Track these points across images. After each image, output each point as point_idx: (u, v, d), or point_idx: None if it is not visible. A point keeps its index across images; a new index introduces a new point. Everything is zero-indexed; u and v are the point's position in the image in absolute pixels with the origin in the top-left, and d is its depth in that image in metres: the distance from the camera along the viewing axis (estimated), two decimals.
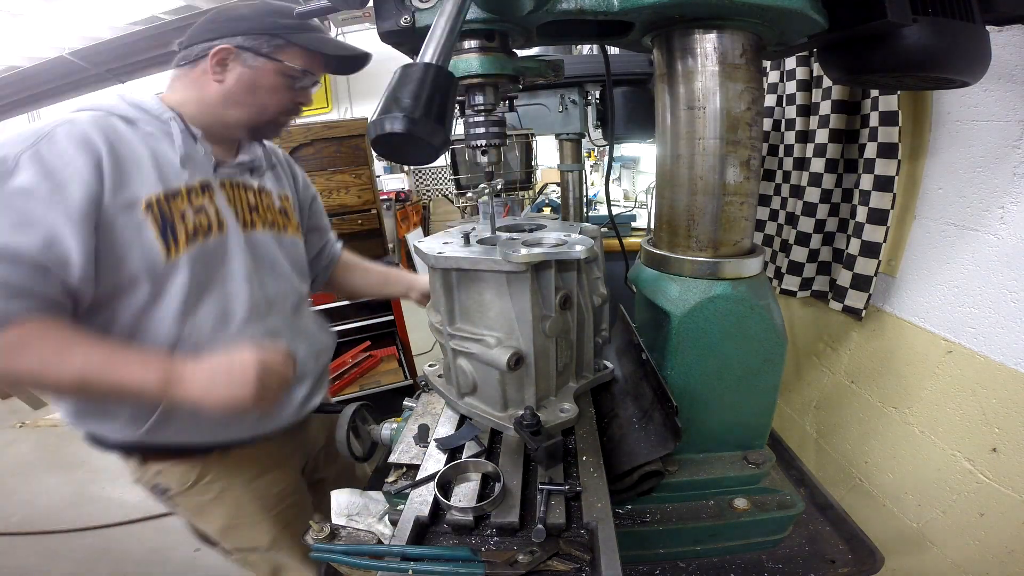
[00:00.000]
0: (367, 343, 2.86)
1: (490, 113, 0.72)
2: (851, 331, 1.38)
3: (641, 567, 0.77)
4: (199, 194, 0.92)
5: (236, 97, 0.95)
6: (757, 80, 0.71)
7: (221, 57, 0.92)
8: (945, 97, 1.06)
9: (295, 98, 1.01)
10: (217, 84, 0.93)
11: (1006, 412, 0.97)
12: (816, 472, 1.00)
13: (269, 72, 0.94)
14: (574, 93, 1.72)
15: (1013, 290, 0.94)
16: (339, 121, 2.94)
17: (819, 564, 0.78)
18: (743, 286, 0.75)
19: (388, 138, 0.46)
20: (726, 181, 0.73)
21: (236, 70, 0.93)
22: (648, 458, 0.70)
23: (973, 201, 1.02)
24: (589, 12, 0.63)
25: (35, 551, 2.25)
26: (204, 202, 0.93)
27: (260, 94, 0.96)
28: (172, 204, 0.87)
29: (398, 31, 0.63)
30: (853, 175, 1.24)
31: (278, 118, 1.02)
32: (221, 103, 0.95)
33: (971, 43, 0.69)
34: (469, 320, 0.79)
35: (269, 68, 0.94)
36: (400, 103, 0.45)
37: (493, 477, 0.70)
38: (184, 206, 0.89)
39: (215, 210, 0.94)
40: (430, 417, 0.91)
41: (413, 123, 0.45)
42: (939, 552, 1.13)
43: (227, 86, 0.93)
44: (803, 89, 1.32)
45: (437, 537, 0.63)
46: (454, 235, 0.86)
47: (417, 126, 0.45)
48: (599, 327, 0.91)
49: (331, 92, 5.51)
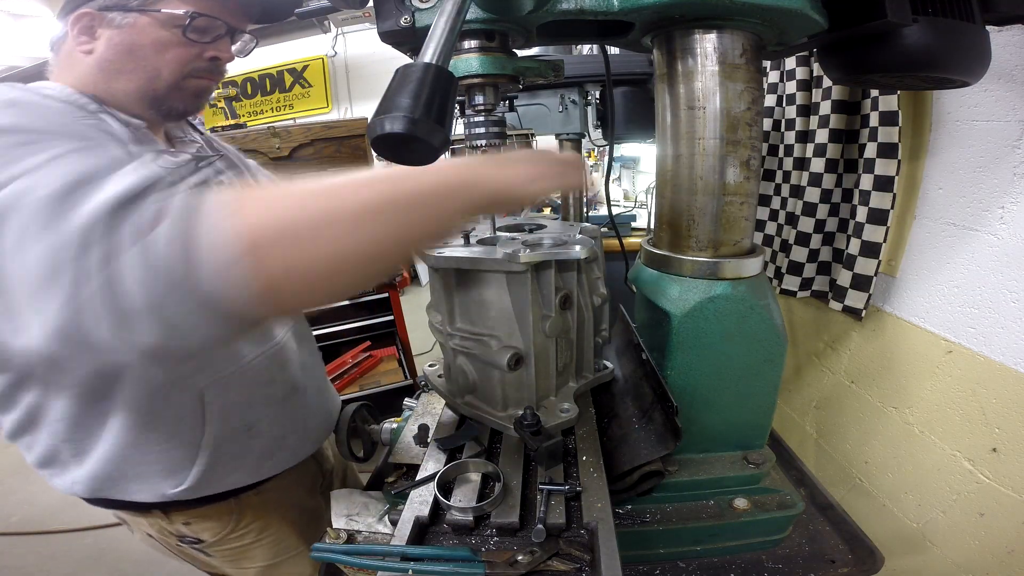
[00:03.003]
0: (367, 343, 2.86)
1: (490, 113, 0.72)
2: (851, 331, 1.38)
3: (641, 567, 0.77)
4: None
5: (114, 65, 0.77)
6: (757, 80, 0.71)
7: (83, 24, 0.75)
8: (945, 97, 1.06)
9: (201, 52, 0.80)
10: (86, 55, 0.76)
11: (1006, 412, 0.97)
12: (816, 472, 1.00)
13: (146, 26, 0.76)
14: (574, 93, 1.72)
15: (1013, 290, 0.94)
16: (339, 121, 2.93)
17: (819, 564, 0.78)
18: (743, 286, 0.75)
19: (388, 138, 0.45)
20: (726, 181, 0.73)
21: (105, 34, 0.76)
22: (648, 458, 0.70)
23: (973, 201, 1.02)
24: (589, 12, 0.63)
25: (35, 551, 2.24)
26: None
27: (143, 55, 0.77)
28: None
29: (398, 31, 0.63)
30: (853, 175, 1.24)
31: (182, 81, 0.81)
32: (99, 75, 0.77)
33: (971, 43, 0.69)
34: (469, 320, 0.79)
35: (144, 22, 0.76)
36: (400, 103, 0.45)
37: (493, 477, 0.70)
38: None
39: None
40: (430, 417, 0.91)
41: (413, 123, 0.44)
42: (939, 552, 1.13)
43: (99, 55, 0.76)
44: (803, 89, 1.32)
45: (437, 537, 0.63)
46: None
47: (417, 126, 0.44)
48: (599, 327, 0.91)
49: (331, 92, 5.50)
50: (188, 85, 0.82)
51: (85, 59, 0.77)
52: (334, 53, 5.37)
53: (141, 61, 0.78)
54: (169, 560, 1.07)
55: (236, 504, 0.95)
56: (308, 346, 1.08)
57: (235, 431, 0.87)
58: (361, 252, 0.46)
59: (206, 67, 0.83)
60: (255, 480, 0.94)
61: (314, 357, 1.10)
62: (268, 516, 1.00)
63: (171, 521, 0.92)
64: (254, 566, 1.03)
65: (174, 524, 0.92)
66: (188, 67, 0.81)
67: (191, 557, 1.03)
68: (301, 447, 1.01)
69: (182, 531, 0.93)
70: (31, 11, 3.55)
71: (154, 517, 0.91)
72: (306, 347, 1.06)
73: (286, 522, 1.03)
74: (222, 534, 0.95)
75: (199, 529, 0.94)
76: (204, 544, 0.96)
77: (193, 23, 0.77)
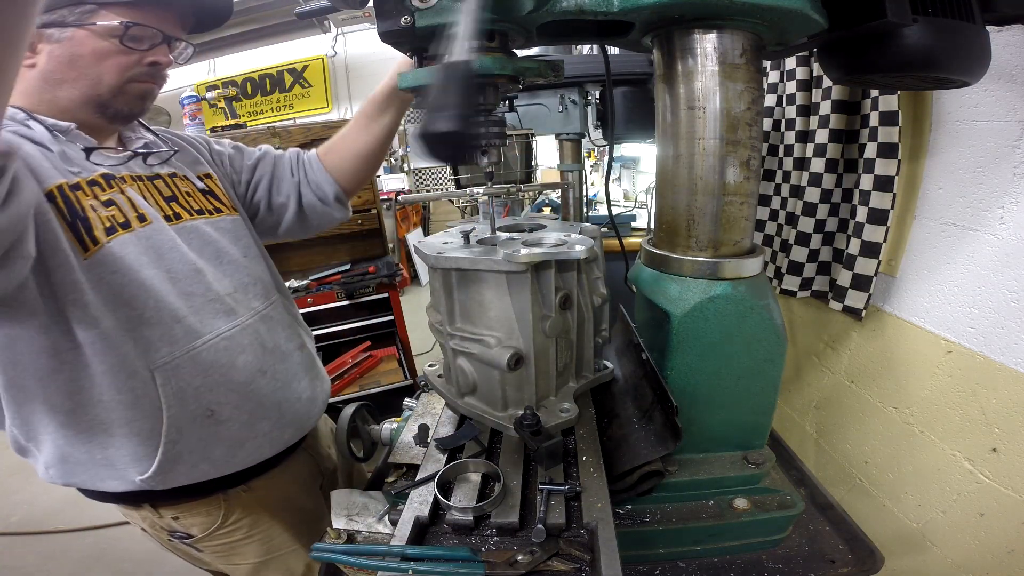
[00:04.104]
0: (367, 343, 2.86)
1: (490, 113, 0.72)
2: (851, 331, 1.38)
3: (641, 567, 0.77)
4: (104, 187, 0.82)
5: (56, 75, 0.82)
6: (757, 80, 0.71)
7: None
8: (945, 97, 1.06)
9: (141, 59, 0.86)
10: (29, 70, 0.81)
11: (1006, 412, 0.97)
12: (816, 472, 1.00)
13: (85, 38, 0.81)
14: (574, 93, 1.72)
15: (1013, 290, 0.94)
16: (339, 121, 2.94)
17: (819, 564, 0.78)
18: (743, 286, 0.75)
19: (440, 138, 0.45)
20: (726, 181, 0.73)
21: (46, 48, 0.81)
22: (648, 458, 0.70)
23: (973, 201, 1.02)
24: (589, 12, 0.63)
25: (35, 551, 2.24)
26: (113, 194, 0.83)
27: (83, 64, 0.82)
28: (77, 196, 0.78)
29: (398, 31, 0.63)
30: (853, 175, 1.24)
31: (125, 86, 0.86)
32: (43, 87, 0.82)
33: (971, 43, 0.69)
34: (469, 320, 0.79)
35: (82, 35, 0.81)
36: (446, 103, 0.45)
37: (493, 477, 0.70)
38: (89, 199, 0.80)
39: (128, 201, 0.85)
40: (430, 417, 0.91)
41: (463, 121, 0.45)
42: (939, 552, 1.13)
43: (41, 68, 0.81)
44: (803, 89, 1.32)
45: (437, 537, 0.63)
46: (454, 235, 0.86)
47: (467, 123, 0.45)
48: (599, 327, 0.91)
49: (331, 92, 5.50)
50: (131, 89, 0.87)
51: (28, 73, 0.82)
52: (334, 53, 5.37)
53: (83, 70, 0.83)
54: (169, 560, 1.07)
55: (224, 499, 0.96)
56: (283, 332, 1.04)
57: (194, 415, 0.87)
58: None
59: (146, 71, 0.88)
60: (232, 471, 0.94)
61: (291, 343, 1.06)
62: (258, 512, 1.00)
63: (160, 515, 0.93)
64: (246, 563, 1.03)
65: (164, 518, 0.93)
66: (128, 73, 0.85)
67: (184, 553, 1.04)
68: (277, 435, 0.99)
69: (172, 526, 0.94)
70: None
71: (144, 511, 0.93)
72: (280, 332, 1.03)
73: (278, 519, 1.03)
74: (210, 529, 0.96)
75: (188, 524, 0.95)
76: (194, 539, 0.97)
77: (128, 32, 0.83)
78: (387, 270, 2.75)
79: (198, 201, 0.99)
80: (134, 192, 0.87)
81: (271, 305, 1.04)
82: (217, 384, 0.89)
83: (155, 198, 0.91)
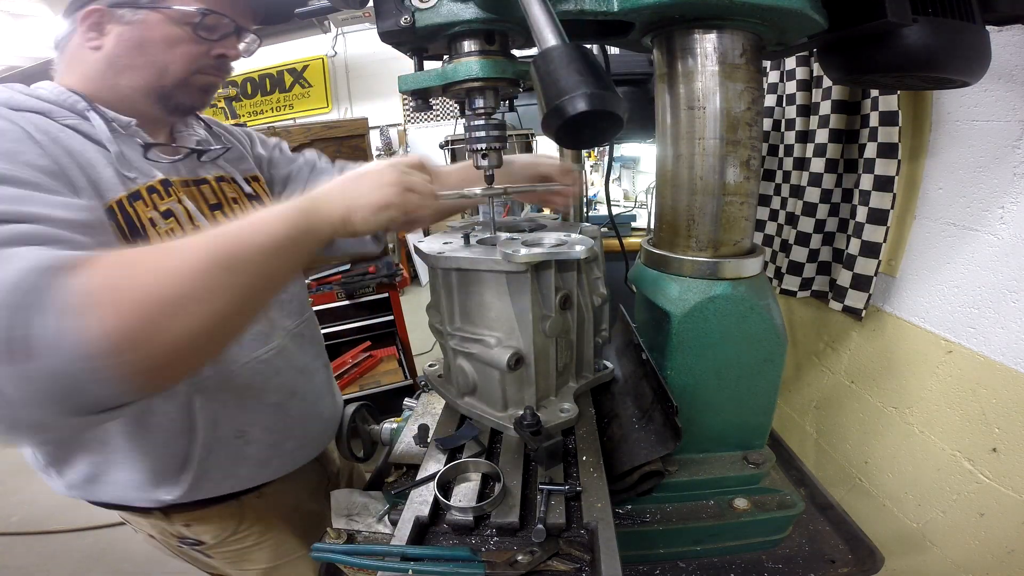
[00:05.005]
0: (367, 343, 2.86)
1: (490, 116, 0.72)
2: (851, 331, 1.38)
3: (641, 567, 0.77)
4: (163, 195, 0.78)
5: (122, 60, 0.77)
6: (757, 80, 0.71)
7: (92, 20, 0.75)
8: (945, 97, 1.06)
9: (209, 49, 0.81)
10: (95, 52, 0.77)
11: (1006, 412, 0.97)
12: (816, 472, 1.00)
13: (157, 23, 0.76)
14: None
15: (1013, 290, 0.94)
16: (339, 121, 2.94)
17: (819, 564, 0.78)
18: (743, 286, 0.75)
19: (573, 121, 0.44)
20: (726, 181, 0.73)
21: (115, 30, 0.76)
22: (648, 458, 0.70)
23: (973, 201, 1.02)
24: (589, 12, 0.64)
25: (35, 551, 2.25)
26: (171, 204, 0.79)
27: (153, 50, 0.77)
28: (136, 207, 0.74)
29: (398, 31, 0.63)
30: (853, 175, 1.24)
31: (190, 78, 0.81)
32: (107, 71, 0.77)
33: (971, 43, 0.69)
34: (469, 320, 0.79)
35: (155, 18, 0.76)
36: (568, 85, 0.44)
37: (493, 477, 0.70)
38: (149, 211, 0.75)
39: (186, 212, 0.81)
40: (430, 417, 0.91)
41: (595, 98, 0.43)
42: (939, 552, 1.13)
43: (107, 50, 0.76)
44: (803, 89, 1.32)
45: (437, 537, 0.63)
46: (454, 235, 0.86)
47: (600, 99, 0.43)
48: (599, 327, 0.91)
49: (331, 92, 5.50)
50: (195, 81, 0.83)
51: (92, 55, 0.77)
52: (334, 53, 5.38)
53: (150, 57, 0.78)
54: (170, 560, 1.07)
55: (237, 507, 0.94)
56: (312, 349, 1.06)
57: (226, 438, 0.87)
58: (218, 322, 0.52)
59: (213, 64, 0.83)
60: (252, 485, 0.94)
61: (318, 361, 1.07)
62: (269, 519, 0.99)
63: (171, 523, 0.92)
64: (255, 568, 1.03)
65: (174, 525, 0.92)
66: (196, 64, 0.81)
67: (192, 558, 1.03)
68: (300, 453, 1.00)
69: (182, 532, 0.93)
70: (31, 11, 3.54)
71: (154, 519, 0.91)
72: (309, 350, 1.04)
73: (288, 525, 1.02)
74: (223, 536, 0.95)
75: (199, 531, 0.94)
76: (205, 546, 0.96)
77: (204, 20, 0.78)
78: (387, 270, 2.75)
79: (244, 210, 0.93)
80: (189, 202, 0.83)
81: (303, 323, 1.04)
82: (250, 407, 0.89)
83: (201, 207, 0.86)
